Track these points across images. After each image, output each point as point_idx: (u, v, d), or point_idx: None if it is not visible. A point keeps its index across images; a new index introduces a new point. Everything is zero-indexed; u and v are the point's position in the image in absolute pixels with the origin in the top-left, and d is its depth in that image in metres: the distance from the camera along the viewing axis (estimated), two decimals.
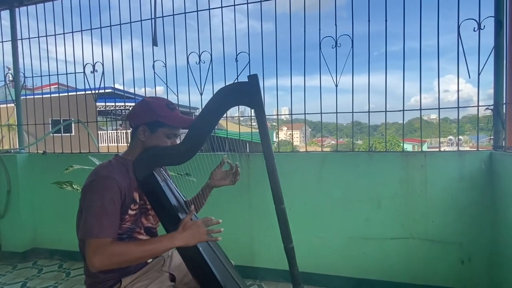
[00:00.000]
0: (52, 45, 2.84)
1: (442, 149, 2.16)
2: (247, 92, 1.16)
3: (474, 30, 1.91)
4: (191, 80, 2.45)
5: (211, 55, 2.40)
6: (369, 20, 2.12)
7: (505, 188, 1.75)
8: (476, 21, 1.90)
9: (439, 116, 2.17)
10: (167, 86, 2.55)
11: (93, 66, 2.73)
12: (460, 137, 2.28)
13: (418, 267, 2.03)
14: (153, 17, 2.47)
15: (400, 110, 2.12)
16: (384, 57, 2.18)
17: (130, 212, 1.17)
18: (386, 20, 2.08)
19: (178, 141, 1.27)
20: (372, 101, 2.25)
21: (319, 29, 2.18)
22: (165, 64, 2.53)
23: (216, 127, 1.26)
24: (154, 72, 2.56)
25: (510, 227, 1.69)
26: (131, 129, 1.25)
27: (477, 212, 1.91)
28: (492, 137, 1.95)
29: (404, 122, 2.23)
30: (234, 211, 2.33)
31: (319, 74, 2.28)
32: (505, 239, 1.74)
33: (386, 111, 2.16)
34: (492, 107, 1.93)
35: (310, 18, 2.27)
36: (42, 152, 2.94)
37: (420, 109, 2.13)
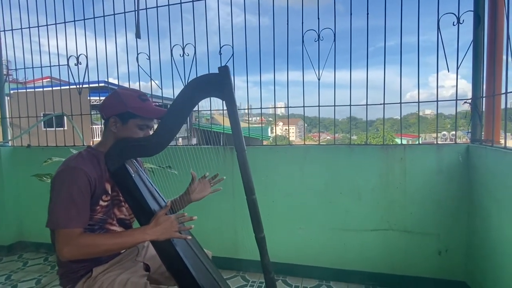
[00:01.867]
0: (41, 37, 2.81)
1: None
2: (218, 84, 1.17)
3: (454, 24, 1.92)
4: (175, 73, 2.44)
5: (194, 48, 2.39)
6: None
7: (481, 180, 1.78)
8: (455, 15, 1.91)
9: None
10: (151, 78, 2.54)
11: (77, 58, 2.70)
12: (444, 132, 2.29)
13: (397, 258, 2.07)
14: (136, 9, 2.45)
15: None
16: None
17: (102, 203, 1.17)
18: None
19: (151, 133, 1.27)
20: (364, 96, 2.22)
21: (302, 23, 2.18)
22: (149, 57, 2.52)
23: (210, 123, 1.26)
24: (138, 65, 2.54)
25: (485, 219, 1.72)
26: (103, 120, 1.25)
27: (454, 204, 1.95)
28: (469, 130, 1.98)
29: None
30: (218, 203, 2.34)
31: (303, 68, 2.28)
32: (481, 230, 1.78)
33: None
34: (470, 101, 1.95)
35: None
36: (26, 145, 2.92)
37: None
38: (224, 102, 1.19)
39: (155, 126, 1.25)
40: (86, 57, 2.69)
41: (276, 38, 2.31)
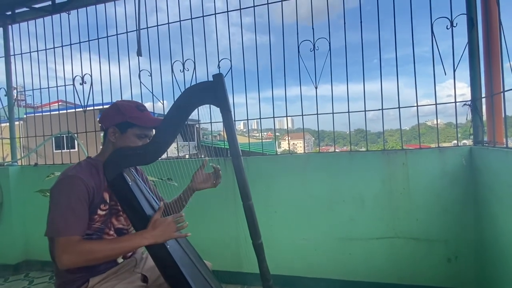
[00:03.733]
0: (49, 61, 2.92)
1: None
2: (212, 91, 1.19)
3: (447, 28, 1.94)
4: (177, 90, 2.49)
5: (194, 63, 2.45)
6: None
7: (486, 182, 1.74)
8: (448, 19, 1.93)
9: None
10: (152, 94, 2.60)
11: (82, 78, 2.79)
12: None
13: (405, 267, 2.00)
14: (137, 28, 2.54)
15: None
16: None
17: (100, 212, 1.18)
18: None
19: None
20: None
21: (297, 34, 2.23)
22: (151, 74, 2.59)
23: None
24: (140, 82, 2.61)
25: (493, 222, 1.67)
26: (103, 131, 1.28)
27: (460, 208, 1.90)
28: (471, 132, 1.95)
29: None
30: (220, 217, 2.33)
31: (298, 80, 2.31)
32: (489, 234, 1.72)
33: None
34: (469, 102, 1.94)
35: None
36: (34, 164, 2.98)
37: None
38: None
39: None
40: (91, 76, 2.79)
41: (279, 54, 2.36)
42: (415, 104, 2.09)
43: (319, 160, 2.17)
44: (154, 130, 1.29)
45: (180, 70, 2.48)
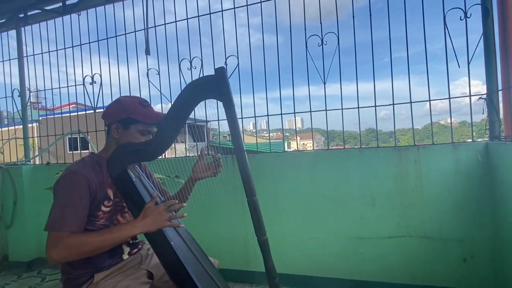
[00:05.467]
0: (61, 61, 2.98)
1: None
2: (214, 85, 1.17)
3: (461, 19, 1.86)
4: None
5: (201, 61, 2.45)
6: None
7: (504, 179, 1.66)
8: (462, 9, 1.86)
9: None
10: (161, 93, 2.60)
11: (92, 77, 2.83)
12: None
13: (418, 266, 1.93)
14: (145, 27, 2.56)
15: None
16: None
17: (104, 208, 1.18)
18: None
19: None
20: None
21: (305, 30, 2.19)
22: (159, 72, 2.60)
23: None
24: (149, 81, 2.62)
25: (511, 220, 1.59)
26: (106, 128, 1.28)
27: (476, 206, 1.82)
28: (487, 127, 1.87)
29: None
30: (228, 214, 2.31)
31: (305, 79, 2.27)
32: (507, 233, 1.64)
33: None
34: (485, 96, 1.86)
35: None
36: (46, 163, 3.04)
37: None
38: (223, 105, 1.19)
39: None
40: (100, 76, 2.82)
41: (287, 54, 2.31)
42: (427, 99, 2.02)
43: (328, 157, 2.13)
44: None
45: (188, 68, 2.48)
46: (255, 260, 2.27)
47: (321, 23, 2.14)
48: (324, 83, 2.19)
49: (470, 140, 2.01)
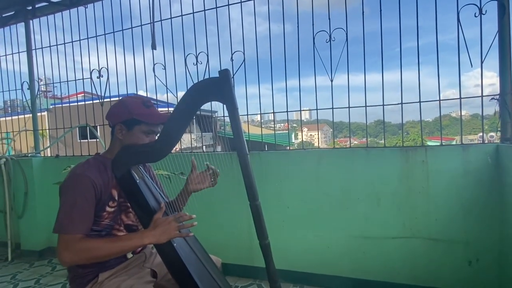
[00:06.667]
0: (69, 53, 3.00)
1: None
2: (218, 88, 1.16)
3: (475, 16, 1.79)
4: (190, 82, 2.48)
5: (207, 56, 2.42)
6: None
7: None
8: (477, 6, 1.78)
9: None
10: (167, 88, 2.60)
11: (99, 71, 2.83)
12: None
13: (422, 268, 1.92)
14: (151, 21, 2.54)
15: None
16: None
17: (108, 209, 1.19)
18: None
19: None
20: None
21: (313, 25, 2.14)
22: (165, 67, 2.59)
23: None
24: (155, 76, 2.62)
25: None
26: (111, 128, 1.28)
27: (484, 209, 1.79)
28: (499, 128, 1.82)
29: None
30: (231, 209, 2.33)
31: (313, 72, 2.23)
32: None
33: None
34: (497, 97, 1.80)
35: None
36: (55, 155, 3.09)
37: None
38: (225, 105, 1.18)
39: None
40: (107, 69, 2.82)
41: (295, 44, 2.27)
42: (438, 98, 1.96)
43: (334, 156, 2.11)
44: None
45: (194, 63, 2.46)
46: (259, 256, 2.27)
47: (329, 18, 2.09)
48: (331, 80, 2.15)
49: (481, 134, 1.97)
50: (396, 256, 1.98)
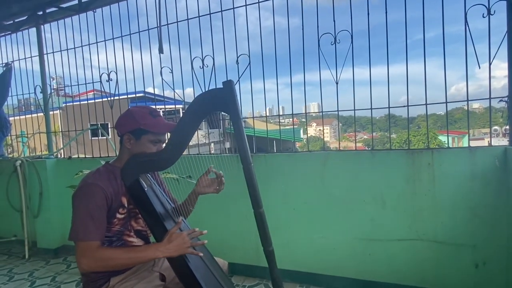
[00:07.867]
0: (80, 51, 3.07)
1: (486, 141, 1.93)
2: (222, 98, 1.19)
3: (483, 16, 1.76)
4: (196, 84, 2.51)
5: (213, 59, 2.45)
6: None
7: None
8: (485, 6, 1.75)
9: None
10: (174, 91, 2.64)
11: (108, 75, 2.90)
12: (496, 127, 2.08)
13: (427, 270, 1.93)
14: (158, 25, 2.57)
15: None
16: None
17: (119, 216, 1.24)
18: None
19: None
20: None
21: (317, 22, 2.14)
22: (172, 71, 2.63)
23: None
24: (162, 79, 2.66)
25: None
26: (119, 138, 1.33)
27: (491, 212, 1.78)
28: (507, 131, 1.80)
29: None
30: (240, 210, 2.36)
31: (319, 68, 2.23)
32: None
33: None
34: (506, 98, 1.77)
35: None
36: (68, 157, 3.18)
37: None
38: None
39: None
40: (116, 73, 2.88)
41: (301, 39, 2.26)
42: (445, 98, 1.94)
43: (339, 159, 2.12)
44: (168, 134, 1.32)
45: (200, 67, 2.49)
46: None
47: (334, 21, 2.08)
48: (337, 83, 2.15)
49: (495, 127, 1.94)
50: (402, 258, 1.98)
